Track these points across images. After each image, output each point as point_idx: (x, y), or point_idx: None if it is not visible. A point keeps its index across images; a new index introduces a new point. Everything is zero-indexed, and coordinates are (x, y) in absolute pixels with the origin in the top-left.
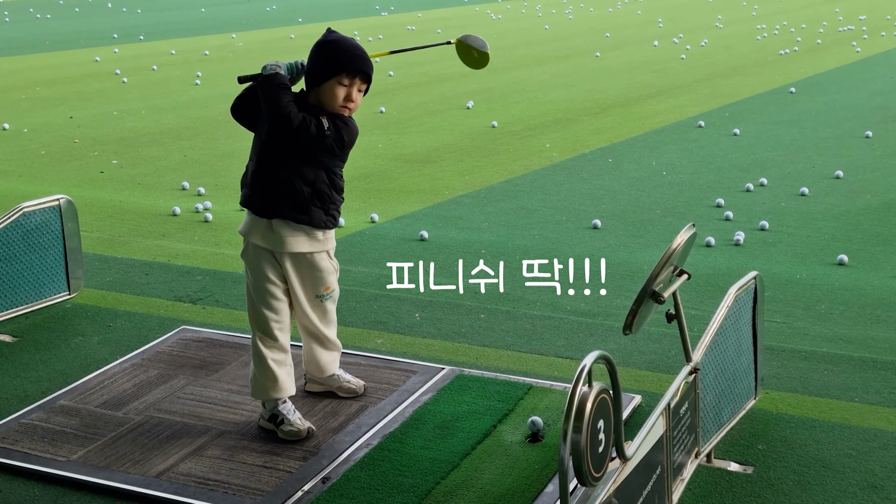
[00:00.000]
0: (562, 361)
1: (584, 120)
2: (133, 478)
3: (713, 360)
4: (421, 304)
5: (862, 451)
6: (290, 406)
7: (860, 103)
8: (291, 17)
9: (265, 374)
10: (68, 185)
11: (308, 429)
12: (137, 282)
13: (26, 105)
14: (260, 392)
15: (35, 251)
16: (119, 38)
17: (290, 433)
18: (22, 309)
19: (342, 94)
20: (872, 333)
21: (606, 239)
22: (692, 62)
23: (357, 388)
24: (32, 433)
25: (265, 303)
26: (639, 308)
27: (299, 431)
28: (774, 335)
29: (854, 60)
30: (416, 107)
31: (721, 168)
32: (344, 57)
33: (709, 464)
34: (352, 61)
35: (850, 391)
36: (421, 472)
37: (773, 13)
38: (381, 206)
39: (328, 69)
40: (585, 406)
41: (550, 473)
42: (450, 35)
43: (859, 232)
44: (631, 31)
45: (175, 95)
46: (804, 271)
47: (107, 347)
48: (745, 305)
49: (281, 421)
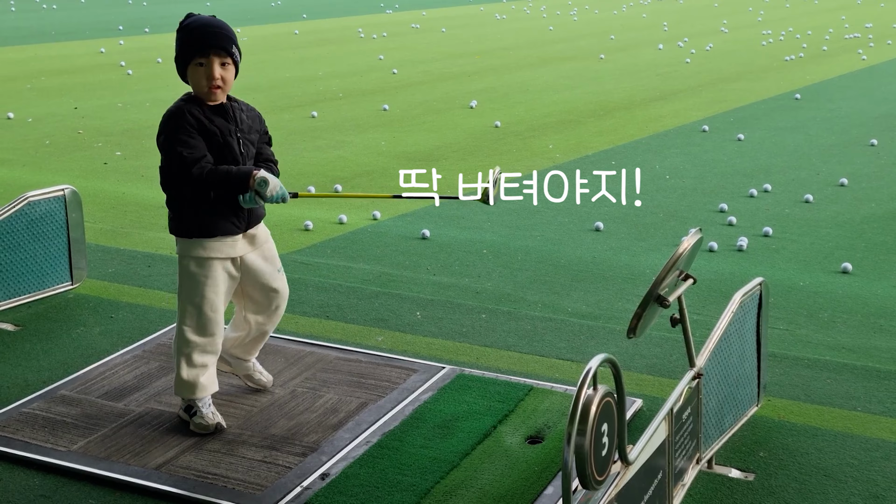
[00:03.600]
0: (563, 363)
1: (587, 122)
2: (133, 469)
3: (717, 365)
4: (422, 302)
5: (864, 461)
6: (208, 399)
7: (866, 111)
8: (296, 13)
9: (195, 376)
10: (72, 176)
11: (216, 424)
12: (140, 273)
13: (31, 95)
14: (188, 391)
15: (39, 241)
16: (124, 29)
17: (200, 426)
18: (24, 298)
19: (202, 74)
20: (876, 343)
21: (609, 241)
22: (697, 66)
23: (267, 383)
24: (33, 423)
25: (217, 307)
26: (643, 312)
27: (208, 426)
28: (777, 342)
29: (860, 68)
30: (419, 105)
31: (725, 173)
32: (193, 38)
33: (710, 470)
34: (202, 40)
35: (853, 400)
36: (420, 470)
37: (778, 19)
38: (382, 203)
39: (183, 56)
40: (590, 409)
41: (550, 475)
42: (453, 33)
43: (863, 240)
44: (636, 33)
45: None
46: (807, 279)
47: (108, 338)
48: (750, 312)
49: (195, 412)
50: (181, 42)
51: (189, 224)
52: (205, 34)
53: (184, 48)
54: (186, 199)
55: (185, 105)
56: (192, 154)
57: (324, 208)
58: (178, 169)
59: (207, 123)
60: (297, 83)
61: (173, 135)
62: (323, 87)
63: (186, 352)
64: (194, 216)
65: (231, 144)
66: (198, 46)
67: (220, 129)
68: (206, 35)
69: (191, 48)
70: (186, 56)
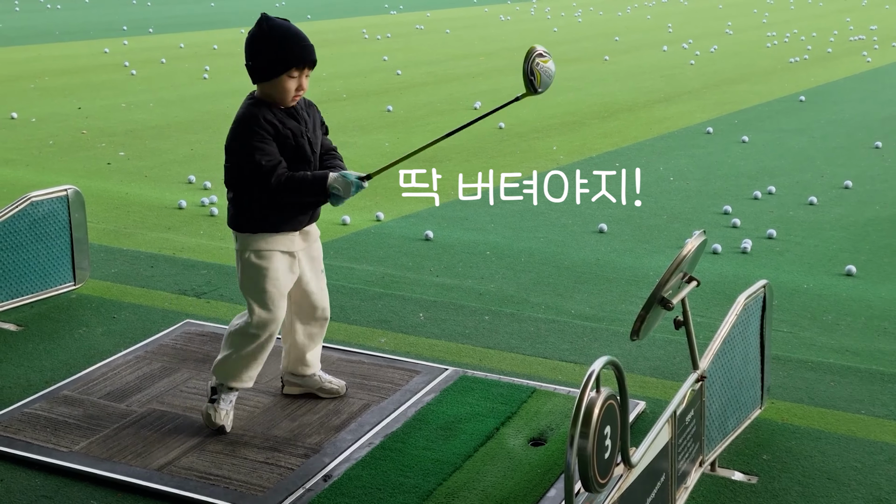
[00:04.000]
0: (566, 366)
1: (591, 123)
2: (135, 470)
3: (720, 368)
4: (425, 304)
5: (868, 465)
6: (235, 396)
7: (870, 113)
8: (300, 14)
9: (242, 367)
10: (75, 176)
11: (221, 426)
12: (142, 274)
13: (35, 95)
14: (227, 376)
15: (42, 241)
16: (129, 30)
17: (207, 417)
18: (27, 298)
19: (293, 86)
20: (879, 346)
21: (612, 243)
22: (701, 68)
23: (339, 389)
24: (35, 423)
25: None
26: (647, 314)
27: (213, 422)
28: (781, 345)
29: (864, 70)
30: (423, 106)
31: (729, 175)
32: (294, 50)
33: (713, 473)
34: (303, 52)
35: (857, 403)
36: (423, 472)
37: (783, 21)
38: (386, 204)
39: (276, 66)
40: (593, 411)
41: (553, 478)
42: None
43: (867, 243)
44: (640, 35)
45: (183, 89)
46: (811, 281)
47: (111, 339)
48: (754, 314)
49: (216, 401)
50: (273, 53)
51: (254, 220)
52: (304, 48)
53: (280, 58)
54: (255, 199)
55: (258, 109)
56: (270, 161)
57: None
58: (254, 175)
59: (281, 128)
60: None
61: (249, 141)
62: (327, 87)
63: (243, 340)
64: (259, 212)
65: (302, 145)
66: (298, 60)
67: (293, 131)
68: (305, 49)
69: (289, 60)
70: (282, 67)
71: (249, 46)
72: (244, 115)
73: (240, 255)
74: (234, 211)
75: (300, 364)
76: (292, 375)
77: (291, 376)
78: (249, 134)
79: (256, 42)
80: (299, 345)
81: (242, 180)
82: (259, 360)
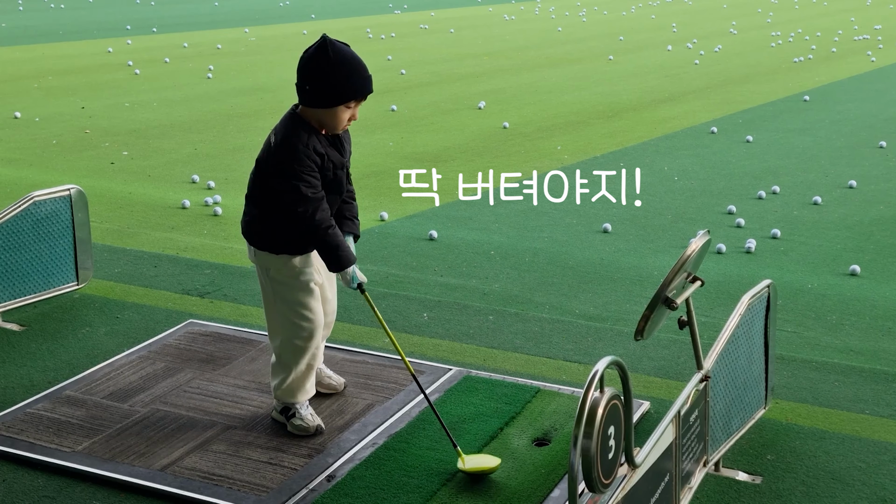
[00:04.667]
0: (570, 365)
1: (595, 123)
2: (138, 470)
3: (724, 368)
4: (429, 304)
5: (872, 465)
6: (306, 402)
7: (875, 113)
8: (304, 13)
9: (302, 381)
10: (78, 175)
11: (318, 426)
12: (146, 274)
13: (38, 94)
14: (289, 396)
15: (44, 240)
16: (132, 29)
17: (299, 428)
18: (30, 298)
19: (347, 116)
20: (884, 345)
21: (616, 243)
22: (706, 68)
23: (338, 385)
24: (38, 423)
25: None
26: (651, 314)
27: (308, 427)
28: (785, 345)
29: (869, 70)
30: (427, 106)
31: (733, 175)
32: (356, 84)
33: (717, 473)
34: (364, 86)
35: (861, 403)
36: (427, 472)
37: (787, 21)
38: (390, 204)
39: (338, 96)
40: (597, 411)
41: (557, 478)
42: (462, 34)
43: (872, 242)
44: (645, 35)
45: (187, 88)
46: (815, 281)
47: (114, 339)
48: (758, 314)
49: (293, 414)
50: (339, 81)
51: (277, 242)
52: (365, 81)
53: (341, 90)
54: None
55: (308, 136)
56: (315, 194)
57: None
58: (294, 204)
59: (324, 160)
60: None
61: (296, 170)
62: None
63: (296, 358)
64: (283, 235)
65: (340, 178)
66: (358, 93)
67: (335, 163)
68: (366, 81)
69: (350, 93)
70: (342, 98)
71: (307, 70)
72: (292, 141)
73: (264, 273)
74: (259, 229)
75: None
76: None
77: None
78: (297, 162)
79: (317, 67)
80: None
81: (277, 204)
82: (314, 368)
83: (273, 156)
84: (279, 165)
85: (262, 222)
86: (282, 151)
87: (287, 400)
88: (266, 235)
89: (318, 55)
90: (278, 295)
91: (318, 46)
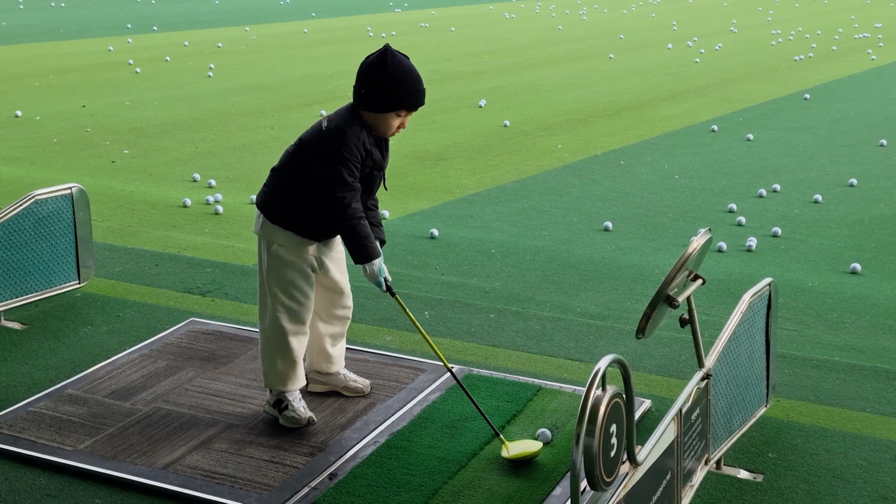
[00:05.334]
0: (571, 364)
1: (596, 121)
2: (140, 469)
3: (726, 366)
4: (431, 302)
5: (873, 463)
6: (298, 394)
7: (875, 111)
8: (305, 12)
9: (290, 365)
10: (79, 174)
11: (309, 418)
12: (147, 272)
13: (39, 93)
14: (278, 382)
15: (46, 239)
16: (133, 28)
17: (291, 420)
18: (32, 297)
19: (397, 123)
20: (885, 343)
21: (617, 241)
22: (706, 66)
23: (364, 388)
24: (40, 421)
25: (306, 293)
26: (653, 312)
27: (300, 419)
28: (786, 343)
29: (869, 68)
30: (427, 104)
31: (734, 173)
32: (409, 94)
33: (718, 471)
34: (416, 97)
35: (862, 401)
36: (428, 470)
37: (788, 19)
38: (391, 202)
39: (390, 103)
40: (599, 410)
41: (559, 476)
42: (462, 32)
43: (872, 241)
44: (645, 33)
45: (187, 87)
46: (816, 279)
47: (116, 337)
48: (759, 312)
49: (285, 407)
50: (391, 92)
51: (290, 219)
52: (418, 93)
53: (393, 98)
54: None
55: (360, 130)
56: (354, 183)
57: None
58: (330, 190)
59: (367, 157)
60: (306, 82)
61: (342, 157)
62: (332, 85)
63: (281, 340)
64: (299, 214)
65: (374, 179)
66: (410, 104)
67: (375, 162)
68: (419, 94)
69: (401, 102)
70: (393, 106)
71: (366, 75)
72: (345, 130)
73: (264, 243)
74: (279, 203)
75: (323, 361)
76: (316, 373)
77: (316, 374)
78: (345, 150)
79: (375, 74)
80: (321, 343)
81: (312, 187)
82: (300, 352)
83: (325, 139)
84: (328, 149)
85: (285, 196)
86: (335, 136)
87: (278, 387)
88: (283, 210)
89: (377, 63)
90: (273, 271)
91: (380, 54)
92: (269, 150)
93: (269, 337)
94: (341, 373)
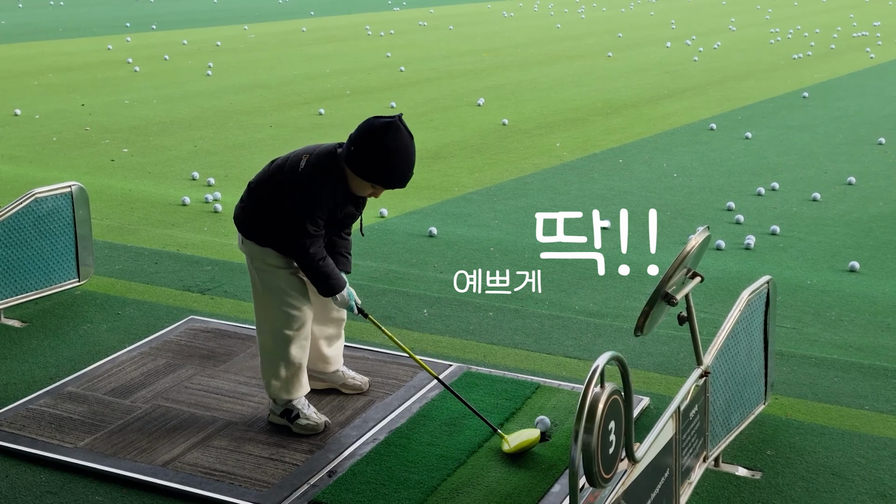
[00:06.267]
0: (570, 361)
1: (594, 120)
2: (140, 466)
3: (724, 363)
4: (429, 300)
5: (871, 460)
6: (304, 400)
7: (874, 109)
8: (304, 10)
9: (293, 373)
10: (79, 172)
11: (325, 422)
12: (146, 270)
13: (38, 91)
14: (285, 392)
15: (46, 237)
16: (132, 26)
17: (306, 427)
18: (31, 295)
19: (369, 191)
20: (883, 341)
21: (616, 240)
22: (705, 64)
23: (362, 385)
24: (40, 419)
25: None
26: (651, 309)
27: (316, 426)
28: (784, 341)
29: (868, 66)
30: (426, 103)
31: (732, 171)
32: (392, 176)
33: (717, 468)
34: (397, 182)
35: (860, 399)
36: (427, 468)
37: (787, 17)
38: (390, 200)
39: (370, 175)
40: (597, 407)
41: (557, 473)
42: (461, 31)
43: (871, 239)
44: (644, 31)
45: (187, 85)
46: (815, 277)
47: (115, 335)
48: (757, 310)
49: (296, 415)
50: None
51: (267, 239)
52: (401, 179)
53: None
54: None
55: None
56: (317, 232)
57: None
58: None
59: (339, 209)
60: (305, 80)
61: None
62: (330, 84)
63: (282, 348)
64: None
65: (344, 224)
66: (390, 185)
67: (346, 214)
68: (401, 180)
69: (384, 181)
70: (374, 180)
71: (364, 137)
72: (319, 178)
73: (251, 262)
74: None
75: (321, 363)
76: (315, 372)
77: (315, 372)
78: (314, 201)
79: (372, 143)
80: (317, 346)
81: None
82: (303, 360)
83: (298, 180)
84: (299, 193)
85: (255, 215)
86: (306, 182)
87: (283, 398)
88: (256, 228)
89: (380, 133)
90: (265, 284)
91: (386, 126)
92: (267, 149)
93: (270, 347)
94: (340, 370)
